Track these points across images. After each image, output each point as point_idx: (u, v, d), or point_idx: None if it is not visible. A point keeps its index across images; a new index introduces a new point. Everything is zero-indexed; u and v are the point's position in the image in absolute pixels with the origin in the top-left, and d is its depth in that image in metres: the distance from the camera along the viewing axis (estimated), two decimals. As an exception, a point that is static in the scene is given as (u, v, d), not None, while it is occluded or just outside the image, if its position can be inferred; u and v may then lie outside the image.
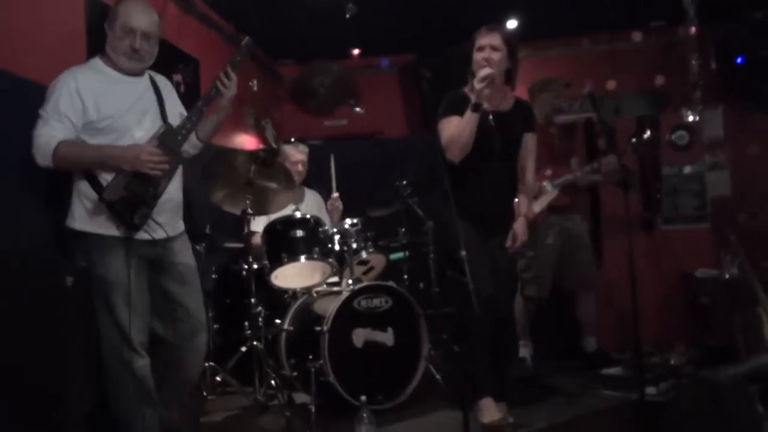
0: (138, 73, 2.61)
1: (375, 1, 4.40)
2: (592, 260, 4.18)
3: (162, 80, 2.73)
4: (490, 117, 2.97)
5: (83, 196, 2.45)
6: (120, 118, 2.48)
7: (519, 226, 3.05)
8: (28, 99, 2.55)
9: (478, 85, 2.82)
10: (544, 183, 4.05)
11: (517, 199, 3.15)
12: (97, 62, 2.57)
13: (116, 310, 2.43)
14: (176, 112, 2.70)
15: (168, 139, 2.51)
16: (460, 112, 2.93)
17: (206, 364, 3.40)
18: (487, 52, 2.93)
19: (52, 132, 2.36)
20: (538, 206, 4.03)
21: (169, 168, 2.50)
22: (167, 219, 2.57)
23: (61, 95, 2.40)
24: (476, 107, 2.86)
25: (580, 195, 4.39)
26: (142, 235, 2.47)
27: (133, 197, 2.41)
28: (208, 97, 2.62)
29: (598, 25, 5.29)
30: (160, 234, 2.51)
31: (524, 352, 4.11)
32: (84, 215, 2.45)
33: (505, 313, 3.21)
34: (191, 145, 2.71)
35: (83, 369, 2.43)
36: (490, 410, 2.90)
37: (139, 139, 2.49)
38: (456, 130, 2.93)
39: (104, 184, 2.41)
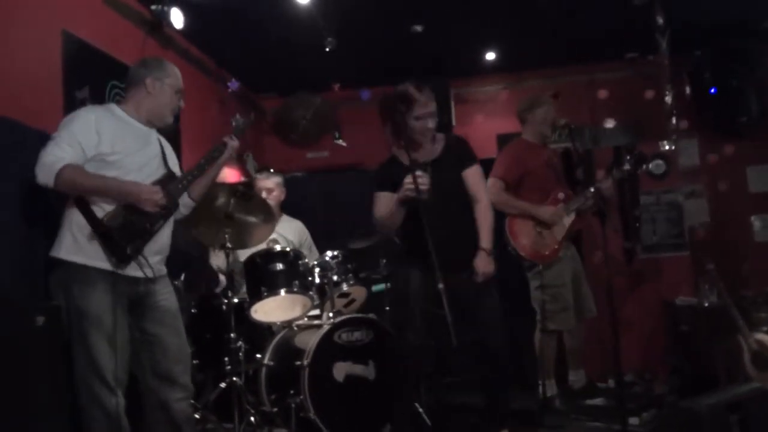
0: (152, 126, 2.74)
1: (354, 35, 4.46)
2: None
3: (164, 140, 2.83)
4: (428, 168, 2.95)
5: (75, 225, 2.46)
6: (129, 156, 2.56)
7: (478, 260, 2.97)
8: (3, 133, 2.54)
9: (400, 195, 2.84)
10: (560, 207, 3.89)
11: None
12: (114, 107, 2.68)
13: (92, 344, 2.41)
14: (176, 169, 2.79)
15: (170, 185, 2.61)
16: (392, 186, 2.95)
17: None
18: (430, 122, 2.97)
19: (61, 153, 2.40)
20: (560, 233, 3.89)
21: (167, 212, 2.59)
22: (154, 260, 2.60)
23: (79, 123, 2.48)
24: (401, 203, 2.89)
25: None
26: (129, 271, 2.50)
27: (130, 227, 2.48)
28: (210, 157, 2.74)
29: (575, 57, 5.39)
30: (147, 272, 2.54)
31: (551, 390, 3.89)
32: (72, 245, 2.45)
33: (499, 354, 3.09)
34: (184, 204, 2.77)
35: (52, 410, 2.36)
36: None
37: (142, 180, 2.56)
38: (384, 213, 3.00)
39: (99, 215, 2.44)
